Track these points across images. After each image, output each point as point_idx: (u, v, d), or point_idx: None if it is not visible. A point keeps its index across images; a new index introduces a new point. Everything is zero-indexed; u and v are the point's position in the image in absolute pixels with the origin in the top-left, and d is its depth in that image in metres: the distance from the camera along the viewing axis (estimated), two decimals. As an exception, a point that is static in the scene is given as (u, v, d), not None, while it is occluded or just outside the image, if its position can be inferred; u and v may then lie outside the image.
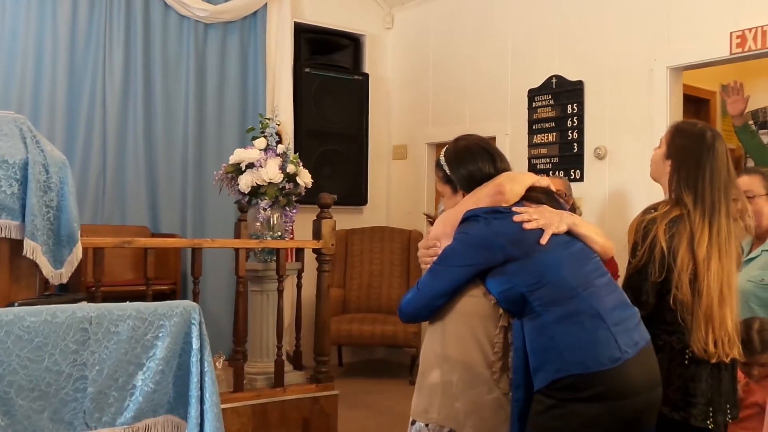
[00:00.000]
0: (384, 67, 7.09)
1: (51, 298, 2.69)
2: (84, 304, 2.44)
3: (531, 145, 5.79)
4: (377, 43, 7.07)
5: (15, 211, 2.97)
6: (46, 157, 3.08)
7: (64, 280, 3.13)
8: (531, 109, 5.80)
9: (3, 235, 2.96)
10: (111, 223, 5.49)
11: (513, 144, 5.87)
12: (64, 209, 3.09)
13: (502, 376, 2.19)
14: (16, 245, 2.97)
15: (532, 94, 5.78)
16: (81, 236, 3.15)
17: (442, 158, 2.42)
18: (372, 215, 6.82)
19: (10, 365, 2.09)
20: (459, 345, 2.22)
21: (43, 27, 5.37)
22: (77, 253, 3.11)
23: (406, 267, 6.21)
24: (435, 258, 2.27)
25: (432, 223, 3.32)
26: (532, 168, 5.73)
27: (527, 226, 2.12)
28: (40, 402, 2.15)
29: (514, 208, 2.17)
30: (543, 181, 2.34)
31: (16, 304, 2.36)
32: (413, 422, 2.29)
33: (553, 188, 2.43)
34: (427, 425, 2.24)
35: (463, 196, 2.33)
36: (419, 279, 2.29)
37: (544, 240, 2.10)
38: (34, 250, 2.97)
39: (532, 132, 5.79)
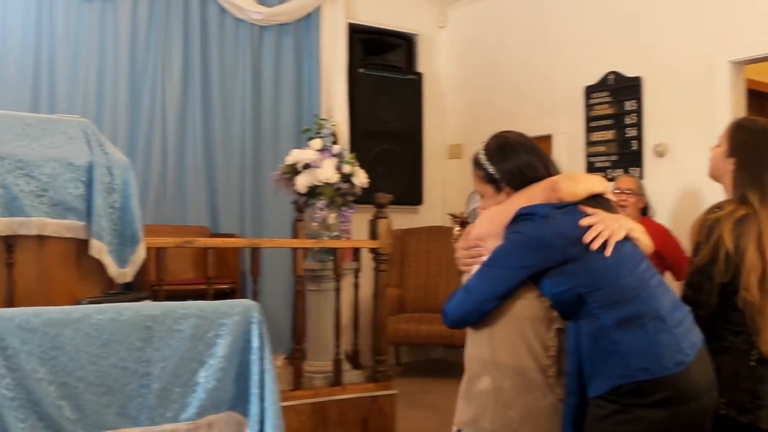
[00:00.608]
0: (437, 66, 7.07)
1: (116, 296, 2.74)
2: (148, 302, 2.49)
3: (589, 143, 5.70)
4: (430, 43, 7.05)
5: (81, 212, 3.05)
6: (110, 160, 3.16)
7: (129, 279, 3.20)
8: (588, 107, 5.71)
9: (70, 236, 3.05)
10: (172, 223, 5.59)
11: (570, 142, 5.79)
12: (128, 210, 3.16)
13: (557, 380, 2.11)
14: (83, 245, 3.05)
15: (589, 91, 5.69)
16: (144, 236, 3.22)
17: (481, 155, 2.27)
18: (428, 215, 6.81)
19: (79, 361, 2.15)
20: (510, 350, 2.12)
21: (105, 34, 5.51)
22: (141, 252, 3.17)
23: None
24: (477, 259, 2.17)
25: (460, 224, 3.23)
26: (590, 166, 5.65)
27: (593, 246, 1.99)
28: (107, 397, 2.20)
29: (579, 207, 2.07)
30: (602, 185, 2.20)
31: (83, 303, 2.42)
32: None
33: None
34: None
35: (508, 195, 2.21)
36: (467, 281, 2.19)
37: (608, 252, 1.99)
38: (99, 249, 3.04)
39: (589, 130, 5.70)
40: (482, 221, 2.24)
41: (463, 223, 3.13)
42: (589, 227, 2.02)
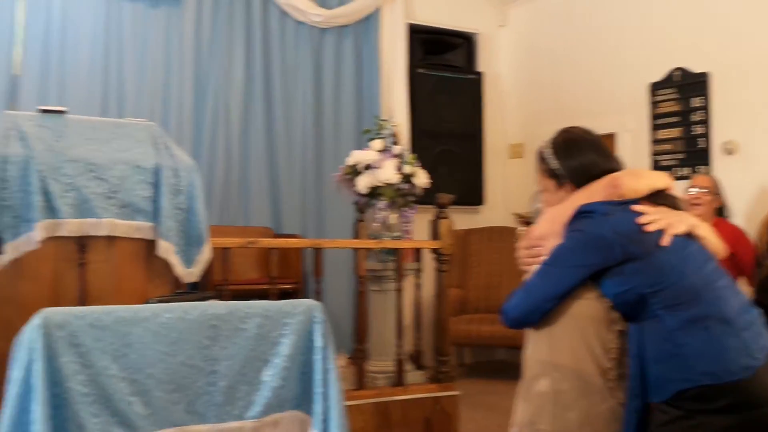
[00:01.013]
0: (498, 65, 7.01)
1: (183, 295, 2.80)
2: (213, 301, 2.53)
3: (654, 141, 5.58)
4: (490, 41, 7.00)
5: (149, 214, 3.13)
6: (176, 162, 3.22)
7: (195, 279, 3.27)
8: (653, 104, 5.59)
9: (139, 236, 3.12)
10: (236, 224, 5.68)
11: (634, 140, 5.68)
12: (194, 211, 3.22)
13: (618, 384, 2.06)
14: (151, 245, 3.13)
15: (654, 87, 5.57)
16: (209, 237, 3.28)
17: (546, 150, 2.24)
18: (489, 215, 6.76)
19: (149, 359, 2.20)
20: (569, 351, 2.08)
21: (170, 39, 5.63)
22: (206, 252, 3.24)
23: (524, 266, 6.12)
24: (537, 259, 2.13)
25: (524, 223, 3.18)
26: (656, 165, 5.52)
27: (648, 228, 1.96)
28: (176, 394, 2.24)
29: (632, 207, 2.02)
30: (664, 181, 2.15)
31: (152, 301, 2.47)
32: None
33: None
34: None
35: (569, 191, 2.18)
36: (526, 281, 2.15)
37: (665, 241, 1.94)
38: (167, 250, 3.11)
39: (655, 127, 5.58)
40: (543, 220, 2.22)
41: (528, 222, 3.10)
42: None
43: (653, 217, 1.99)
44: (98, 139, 3.13)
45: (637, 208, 2.02)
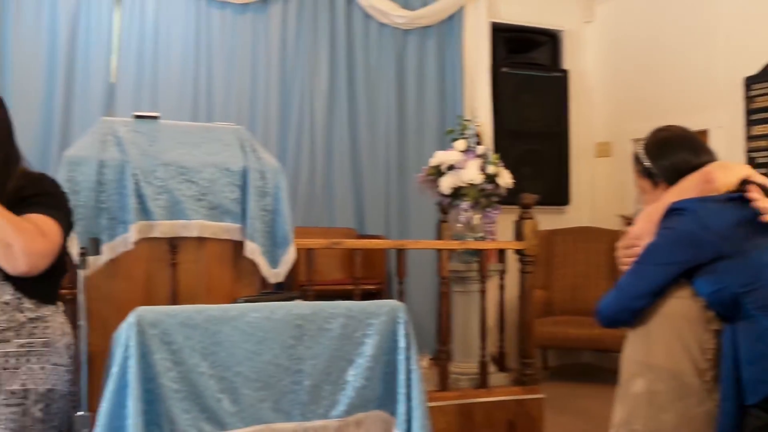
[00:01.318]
0: (584, 62, 6.88)
1: (269, 295, 2.86)
2: (299, 301, 2.57)
3: (749, 138, 5.36)
4: (576, 38, 6.87)
5: (237, 215, 3.21)
6: (262, 164, 3.29)
7: (281, 279, 3.33)
8: (748, 99, 5.36)
9: (227, 237, 3.21)
10: (320, 225, 5.76)
11: (728, 137, 5.46)
12: (280, 212, 3.29)
13: (715, 386, 2.00)
14: (239, 246, 3.21)
15: (749, 82, 5.35)
16: (294, 238, 3.34)
17: (640, 150, 2.27)
18: (575, 215, 6.64)
19: (236, 357, 2.26)
20: (665, 351, 2.04)
21: (257, 44, 5.76)
22: (292, 253, 3.29)
23: (613, 269, 5.96)
24: (634, 259, 2.10)
25: (628, 224, 3.13)
26: (751, 162, 5.30)
27: (765, 218, 1.87)
28: (262, 392, 2.29)
29: (746, 195, 1.94)
30: (758, 176, 2.07)
31: (239, 301, 2.53)
32: None
33: None
34: None
35: (665, 190, 2.16)
36: (619, 279, 2.14)
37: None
38: (253, 250, 3.19)
39: (750, 123, 5.36)
40: (639, 219, 2.20)
41: (631, 223, 3.07)
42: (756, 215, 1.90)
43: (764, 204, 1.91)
44: (189, 143, 3.23)
45: (752, 195, 1.94)
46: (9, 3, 5.15)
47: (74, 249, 2.99)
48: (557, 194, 6.55)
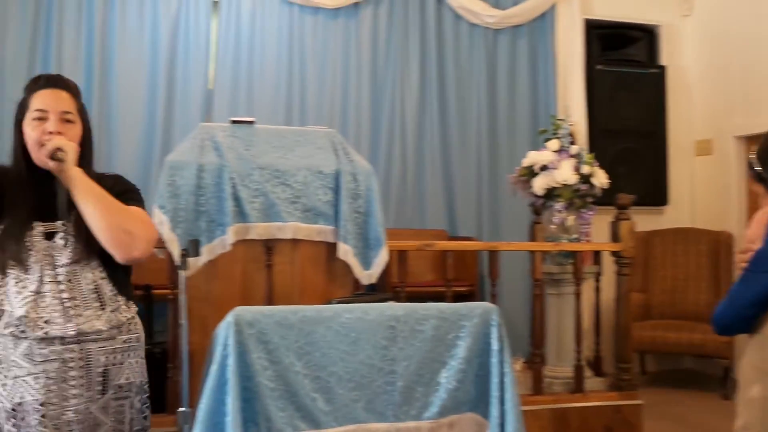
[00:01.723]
0: (682, 57, 6.64)
1: (362, 296, 2.89)
2: (391, 303, 2.59)
3: None
4: (674, 33, 6.64)
5: (330, 217, 3.26)
6: (354, 167, 3.33)
7: (373, 281, 3.36)
8: None
9: (320, 239, 3.26)
10: (412, 227, 5.77)
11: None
12: (372, 214, 3.32)
13: None
14: (332, 248, 3.25)
15: None
16: (386, 239, 3.36)
17: (752, 155, 2.20)
18: (674, 215, 6.41)
19: (330, 357, 2.29)
20: None
21: (348, 48, 5.83)
22: (384, 255, 3.32)
23: (715, 271, 5.73)
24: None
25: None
26: None
27: None
28: (356, 392, 2.31)
29: None
30: None
31: (333, 302, 2.56)
32: None
33: None
34: None
35: None
36: (731, 287, 2.08)
37: None
38: (346, 252, 3.23)
39: None
40: (754, 223, 2.15)
41: None
42: None
43: None
44: (283, 147, 3.30)
45: None
46: (114, 14, 5.39)
47: (175, 250, 3.11)
48: (655, 194, 6.35)
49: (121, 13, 5.40)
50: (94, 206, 1.95)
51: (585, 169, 4.26)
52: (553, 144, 4.35)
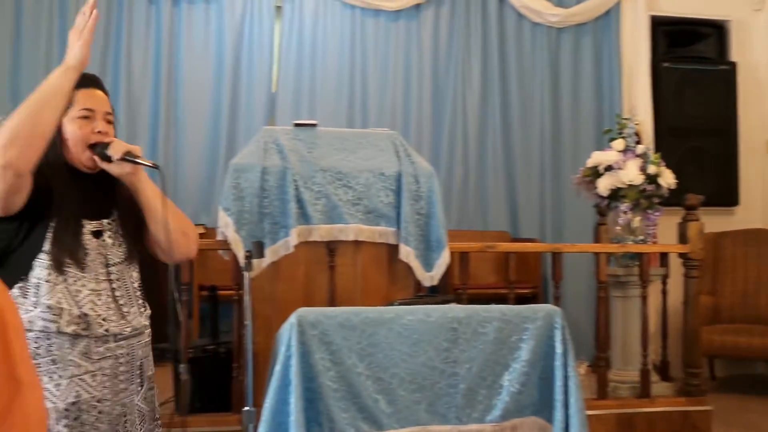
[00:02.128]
0: (754, 53, 6.43)
1: (424, 298, 2.89)
2: (453, 305, 2.58)
3: None
4: (745, 28, 6.44)
5: (391, 219, 3.27)
6: (416, 169, 3.33)
7: (435, 283, 3.35)
8: None
9: (382, 241, 3.27)
10: (473, 228, 5.74)
11: None
12: (433, 216, 3.31)
13: None
14: (393, 250, 3.26)
15: None
16: (448, 241, 3.35)
17: None
18: (745, 216, 6.22)
19: (392, 359, 2.30)
20: None
21: (409, 49, 5.84)
22: (446, 257, 3.31)
23: (788, 273, 5.55)
24: None
25: None
26: None
27: None
28: (417, 394, 2.32)
29: None
30: None
31: (395, 304, 2.57)
32: None
33: None
34: None
35: None
36: None
37: None
38: (408, 254, 3.23)
39: None
40: None
41: None
42: None
43: None
44: (345, 149, 3.32)
45: None
46: (180, 21, 5.52)
47: (240, 252, 3.16)
48: (725, 194, 6.16)
49: (187, 20, 5.53)
50: (162, 208, 2.01)
51: (651, 169, 4.18)
52: (618, 144, 4.27)
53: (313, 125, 3.40)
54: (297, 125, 3.39)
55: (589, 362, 4.70)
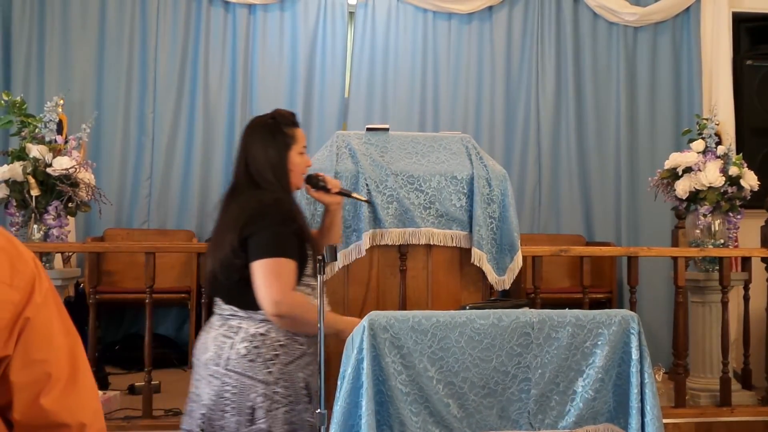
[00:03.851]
0: None
1: (496, 302, 2.86)
2: (526, 309, 2.55)
3: None
4: (834, 23, 6.17)
5: (464, 222, 3.25)
6: (488, 172, 3.31)
7: (507, 286, 3.32)
8: None
9: (454, 245, 3.26)
10: (547, 231, 5.68)
11: None
12: (506, 220, 3.28)
13: None
14: (465, 253, 3.24)
15: None
16: (520, 245, 3.32)
17: None
18: (834, 219, 5.96)
19: (464, 363, 2.29)
20: None
21: (482, 52, 5.82)
22: (518, 261, 3.28)
23: None
24: None
25: None
26: None
27: None
28: (489, 399, 2.30)
29: None
30: None
31: (466, 308, 2.56)
32: None
33: None
34: None
35: None
36: None
37: None
38: (480, 258, 3.21)
39: None
40: None
41: None
42: None
43: None
44: (417, 153, 3.33)
45: None
46: (256, 29, 5.65)
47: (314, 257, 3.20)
48: (812, 196, 5.92)
49: (262, 27, 5.65)
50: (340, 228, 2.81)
51: (732, 171, 4.06)
52: (698, 145, 4.17)
53: (385, 129, 3.42)
54: (369, 129, 3.41)
55: (666, 369, 4.59)
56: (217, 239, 2.50)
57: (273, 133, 2.55)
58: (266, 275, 2.33)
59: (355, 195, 2.78)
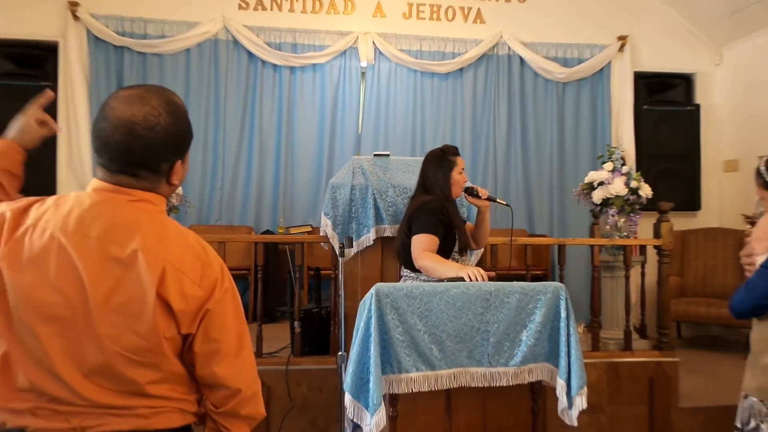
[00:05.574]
0: (714, 96, 6.15)
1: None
2: (486, 282, 2.56)
3: None
4: (707, 78, 6.16)
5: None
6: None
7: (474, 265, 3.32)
8: None
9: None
10: (500, 227, 5.66)
11: None
12: (470, 216, 3.27)
13: None
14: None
15: None
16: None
17: (762, 166, 2.02)
18: (705, 218, 5.96)
19: (442, 319, 2.30)
20: None
21: (455, 101, 5.79)
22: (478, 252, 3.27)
23: (737, 261, 5.25)
24: (750, 259, 1.89)
25: (750, 223, 2.82)
26: None
27: None
28: (460, 345, 2.32)
29: None
30: None
31: (444, 281, 2.56)
32: (746, 396, 1.95)
33: None
34: (762, 401, 1.89)
35: None
36: (749, 278, 1.91)
37: None
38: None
39: None
40: (757, 227, 1.96)
41: (753, 222, 2.76)
42: None
43: None
44: (409, 171, 3.34)
45: None
46: (296, 87, 5.67)
47: (336, 244, 3.21)
48: (690, 202, 5.92)
49: (300, 83, 5.66)
50: (488, 226, 2.92)
51: (633, 184, 4.06)
52: (609, 165, 4.17)
53: (387, 155, 3.43)
54: (376, 155, 3.43)
55: (586, 324, 4.58)
56: (399, 227, 2.80)
57: (441, 159, 2.73)
58: (415, 243, 2.57)
59: (498, 200, 2.89)
